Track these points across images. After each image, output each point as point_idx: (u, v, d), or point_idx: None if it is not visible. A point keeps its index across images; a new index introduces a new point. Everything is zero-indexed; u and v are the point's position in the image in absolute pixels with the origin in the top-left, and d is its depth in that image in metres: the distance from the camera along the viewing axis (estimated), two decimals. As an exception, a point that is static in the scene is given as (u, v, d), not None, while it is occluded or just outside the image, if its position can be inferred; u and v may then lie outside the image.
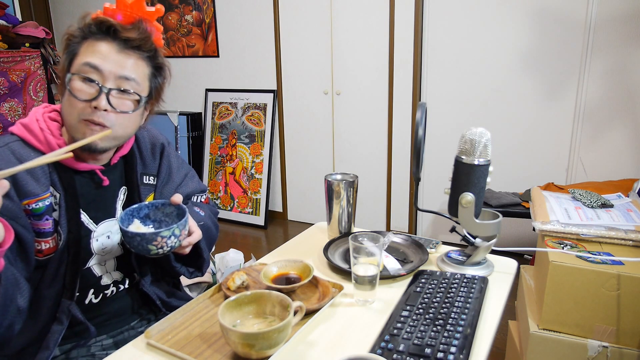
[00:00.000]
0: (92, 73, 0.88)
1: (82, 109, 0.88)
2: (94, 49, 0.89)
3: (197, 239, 0.96)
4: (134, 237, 0.86)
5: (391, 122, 3.02)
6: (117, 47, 0.90)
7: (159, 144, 1.11)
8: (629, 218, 1.38)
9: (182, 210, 0.94)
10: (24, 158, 0.88)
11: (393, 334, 0.81)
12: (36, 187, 0.88)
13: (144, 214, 0.97)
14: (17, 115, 2.99)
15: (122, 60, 0.90)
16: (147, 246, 0.86)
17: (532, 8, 2.52)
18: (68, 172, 0.94)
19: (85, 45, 0.90)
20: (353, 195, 1.23)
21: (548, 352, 1.31)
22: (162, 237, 0.86)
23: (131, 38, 0.90)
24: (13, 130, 0.93)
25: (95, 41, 0.90)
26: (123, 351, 0.82)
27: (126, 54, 0.91)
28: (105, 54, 0.89)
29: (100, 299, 1.01)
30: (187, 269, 1.08)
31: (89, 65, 0.88)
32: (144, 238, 0.86)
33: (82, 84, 0.88)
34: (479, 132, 0.98)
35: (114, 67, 0.89)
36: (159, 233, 0.86)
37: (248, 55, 3.44)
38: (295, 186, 3.51)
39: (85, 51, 0.89)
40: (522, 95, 2.64)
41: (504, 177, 2.75)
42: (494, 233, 1.04)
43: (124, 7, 0.91)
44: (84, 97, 0.88)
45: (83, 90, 0.88)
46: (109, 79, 0.89)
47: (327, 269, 1.11)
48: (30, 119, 0.93)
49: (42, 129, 0.92)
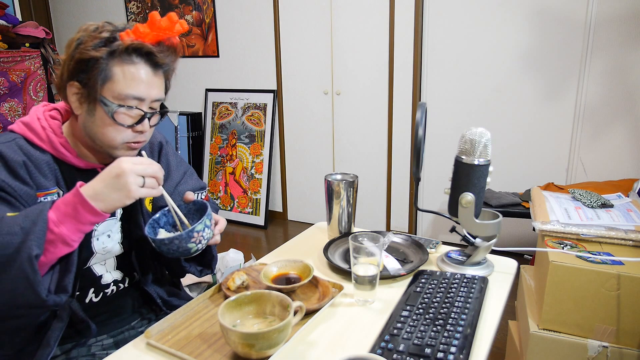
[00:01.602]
0: (133, 101, 0.90)
1: (125, 134, 0.91)
2: (132, 76, 0.88)
3: (224, 225, 1.01)
4: (172, 243, 0.87)
5: (391, 122, 3.02)
6: (150, 70, 0.91)
7: (157, 143, 1.12)
8: (629, 218, 1.38)
9: (199, 204, 0.97)
10: (30, 154, 0.90)
11: (393, 334, 0.81)
12: (45, 181, 0.90)
13: (164, 222, 0.99)
14: (17, 115, 2.99)
15: (154, 82, 0.92)
16: (187, 245, 0.88)
17: (532, 8, 2.52)
18: (71, 170, 0.95)
19: (118, 68, 0.88)
20: (353, 195, 1.23)
21: (548, 352, 1.31)
22: (197, 232, 0.88)
23: (165, 63, 0.92)
24: (14, 128, 0.94)
25: (129, 65, 0.88)
26: (123, 351, 0.83)
27: (157, 76, 0.93)
28: (142, 80, 0.90)
29: (100, 298, 1.01)
30: (197, 268, 1.09)
31: (132, 97, 0.89)
32: (182, 239, 0.87)
33: (126, 111, 0.90)
34: (479, 132, 0.98)
35: (151, 92, 0.91)
36: (194, 229, 0.87)
37: (248, 55, 3.44)
38: (295, 186, 3.51)
39: (123, 78, 0.88)
40: (522, 95, 2.64)
41: (504, 177, 2.75)
42: (494, 233, 1.04)
43: (157, 30, 0.90)
44: (128, 123, 0.91)
45: (127, 118, 0.90)
46: (146, 103, 0.92)
47: (327, 269, 1.11)
48: (32, 118, 0.94)
49: (44, 127, 0.92)
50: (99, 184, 0.81)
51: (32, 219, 0.77)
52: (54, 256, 0.81)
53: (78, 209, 0.80)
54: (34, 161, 0.90)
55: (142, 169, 0.82)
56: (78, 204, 0.80)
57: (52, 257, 0.81)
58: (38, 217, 0.77)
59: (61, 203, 0.81)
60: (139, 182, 0.82)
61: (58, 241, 0.80)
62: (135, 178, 0.81)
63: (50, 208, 0.80)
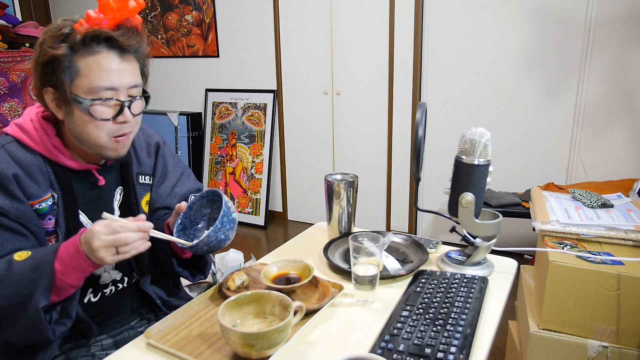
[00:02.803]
0: (107, 92, 0.87)
1: (109, 128, 0.89)
2: (98, 66, 0.85)
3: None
4: (209, 240, 0.88)
5: (391, 122, 3.02)
6: (116, 56, 0.88)
7: (154, 143, 1.11)
8: (629, 218, 1.38)
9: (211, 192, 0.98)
10: (20, 159, 0.88)
11: (393, 334, 0.81)
12: (37, 188, 0.89)
13: (183, 225, 0.98)
14: (17, 115, 2.99)
15: (125, 68, 0.89)
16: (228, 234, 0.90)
17: (532, 8, 2.52)
18: (65, 172, 0.94)
19: (83, 61, 0.85)
20: (353, 195, 1.23)
21: (548, 352, 1.31)
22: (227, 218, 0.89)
23: (130, 45, 0.89)
24: (7, 131, 0.93)
25: (92, 55, 0.85)
26: (123, 351, 0.83)
27: (126, 61, 0.89)
28: (111, 69, 0.87)
29: (99, 298, 1.01)
30: (190, 273, 1.08)
31: (104, 88, 0.86)
32: (217, 230, 0.88)
33: (101, 104, 0.87)
34: (479, 132, 0.98)
35: (124, 80, 0.88)
36: (224, 216, 0.88)
37: (248, 55, 3.44)
38: (295, 186, 3.51)
39: (89, 70, 0.85)
40: (522, 95, 2.64)
41: (504, 177, 2.75)
42: (494, 233, 1.04)
43: (110, 12, 0.86)
44: (108, 116, 0.88)
45: (105, 111, 0.88)
46: (122, 92, 0.89)
47: (327, 269, 1.11)
48: (25, 119, 0.93)
49: (37, 129, 0.91)
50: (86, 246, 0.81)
51: (39, 272, 0.81)
52: (64, 296, 0.86)
53: (80, 263, 0.82)
54: (25, 167, 0.88)
55: (110, 240, 0.80)
56: (80, 260, 0.82)
57: (62, 296, 0.85)
58: (44, 269, 0.81)
59: (65, 255, 0.82)
60: (112, 252, 0.81)
61: (66, 286, 0.84)
62: (107, 251, 0.80)
63: (55, 258, 0.82)
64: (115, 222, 0.81)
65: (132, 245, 0.82)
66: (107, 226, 0.80)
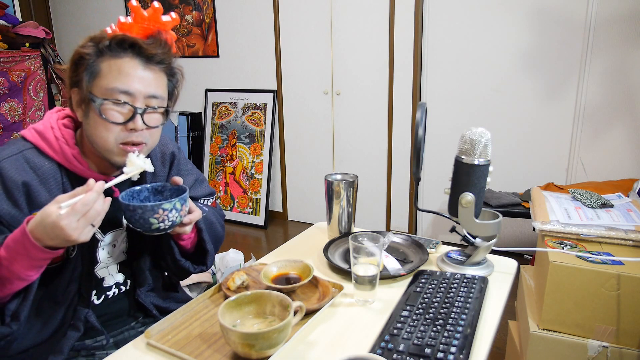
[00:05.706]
0: (122, 96, 0.86)
1: (118, 133, 0.88)
2: (118, 69, 0.86)
3: (197, 217, 0.97)
4: (135, 210, 0.85)
5: (391, 122, 3.02)
6: (140, 64, 0.88)
7: (169, 153, 1.11)
8: (629, 218, 1.38)
9: (183, 188, 0.95)
10: (37, 167, 0.88)
11: (393, 334, 0.81)
12: (49, 198, 0.87)
13: (144, 196, 0.97)
14: (17, 115, 2.99)
15: (147, 77, 0.88)
16: (149, 219, 0.86)
17: (532, 8, 2.52)
18: (81, 182, 0.92)
19: (105, 63, 0.86)
20: (353, 195, 1.23)
21: (548, 352, 1.31)
22: (163, 209, 0.86)
23: (155, 54, 0.89)
24: (26, 136, 0.92)
25: (116, 59, 0.86)
26: (123, 351, 0.83)
27: (150, 70, 0.89)
28: (131, 74, 0.86)
29: (102, 300, 1.02)
30: (192, 264, 1.08)
31: (119, 90, 0.86)
32: (146, 210, 0.85)
33: (114, 106, 0.87)
34: (479, 132, 0.98)
35: (142, 87, 0.88)
36: (161, 205, 0.86)
37: (248, 55, 3.44)
38: (295, 186, 3.51)
39: (109, 72, 0.86)
40: (522, 95, 2.64)
41: (504, 177, 2.75)
42: (494, 233, 1.04)
43: (141, 20, 0.88)
44: (119, 120, 0.87)
45: (116, 114, 0.87)
46: (139, 99, 0.88)
47: (327, 269, 1.11)
48: (45, 126, 0.92)
49: (57, 138, 0.91)
50: (38, 227, 0.76)
51: None
52: (11, 290, 0.81)
53: (28, 248, 0.77)
54: (41, 175, 0.88)
55: (84, 222, 0.76)
56: (27, 244, 0.77)
57: (9, 291, 0.81)
58: None
59: (11, 241, 0.79)
60: (81, 225, 0.76)
61: (13, 278, 0.79)
62: (86, 233, 0.77)
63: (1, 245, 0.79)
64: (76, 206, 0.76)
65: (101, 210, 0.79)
66: (73, 214, 0.76)
